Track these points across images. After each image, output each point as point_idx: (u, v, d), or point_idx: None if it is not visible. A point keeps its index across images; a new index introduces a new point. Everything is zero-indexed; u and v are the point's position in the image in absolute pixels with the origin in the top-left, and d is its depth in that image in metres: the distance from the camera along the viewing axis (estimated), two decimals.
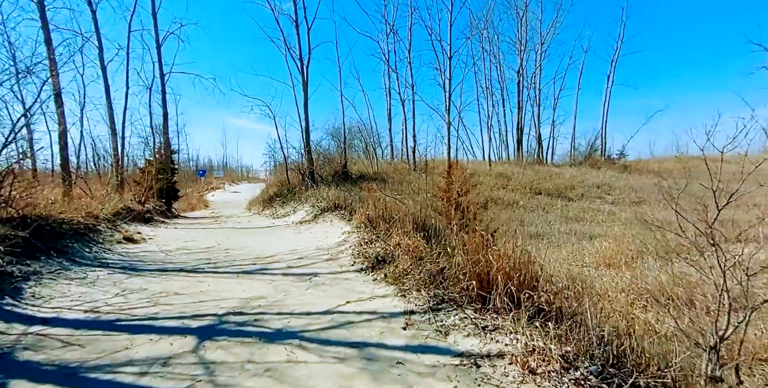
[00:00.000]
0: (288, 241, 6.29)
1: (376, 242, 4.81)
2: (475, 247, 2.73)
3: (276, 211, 11.24)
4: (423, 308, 2.84)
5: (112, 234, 6.00)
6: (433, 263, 3.19)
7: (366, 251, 4.43)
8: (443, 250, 3.24)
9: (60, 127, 8.60)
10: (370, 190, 13.61)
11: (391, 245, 4.00)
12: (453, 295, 2.79)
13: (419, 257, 3.47)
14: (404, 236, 3.84)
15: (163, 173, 13.43)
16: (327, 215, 7.84)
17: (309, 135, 12.87)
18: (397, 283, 3.36)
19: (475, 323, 2.36)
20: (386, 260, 3.83)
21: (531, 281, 2.40)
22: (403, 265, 3.53)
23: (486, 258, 2.58)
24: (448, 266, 2.95)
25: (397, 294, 3.20)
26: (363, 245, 4.82)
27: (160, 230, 7.88)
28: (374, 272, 3.83)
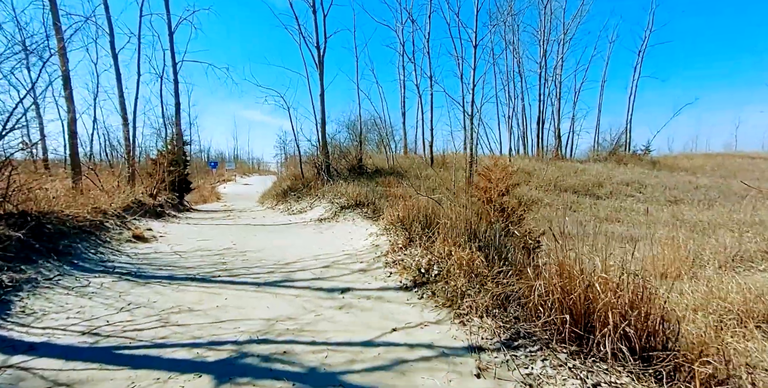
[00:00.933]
0: (309, 242, 5.75)
1: (411, 247, 4.22)
2: (564, 269, 2.12)
3: (291, 206, 10.73)
4: (493, 343, 2.25)
5: (120, 232, 5.53)
6: (499, 283, 2.59)
7: (404, 260, 3.84)
8: (512, 269, 2.64)
9: (69, 114, 8.16)
10: (389, 186, 13.02)
11: (436, 255, 3.41)
12: (532, 329, 2.19)
13: (476, 273, 2.88)
14: (454, 246, 3.24)
15: (176, 165, 13.04)
16: (348, 213, 7.27)
17: (325, 127, 12.28)
18: (451, 305, 2.77)
19: (580, 377, 1.77)
20: (432, 274, 3.25)
21: (656, 326, 1.79)
22: (455, 282, 2.94)
23: (582, 286, 1.98)
24: (526, 291, 2.35)
25: (454, 320, 2.61)
26: (398, 252, 4.23)
27: (172, 226, 7.42)
28: (419, 288, 3.25)
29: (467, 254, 3.01)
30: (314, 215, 8.36)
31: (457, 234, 3.43)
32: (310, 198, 10.50)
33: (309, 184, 11.91)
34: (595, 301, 1.91)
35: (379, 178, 14.22)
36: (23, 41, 6.59)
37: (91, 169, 8.98)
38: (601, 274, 1.98)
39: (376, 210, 6.94)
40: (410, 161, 17.55)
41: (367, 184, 13.03)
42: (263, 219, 9.13)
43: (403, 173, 15.31)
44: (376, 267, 4.12)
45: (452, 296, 2.84)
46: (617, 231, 8.91)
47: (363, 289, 3.53)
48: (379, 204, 7.23)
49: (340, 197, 8.89)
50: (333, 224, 7.05)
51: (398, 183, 14.28)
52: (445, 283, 3.06)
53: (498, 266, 2.89)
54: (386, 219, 5.52)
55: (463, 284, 2.88)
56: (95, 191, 8.78)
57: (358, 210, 7.22)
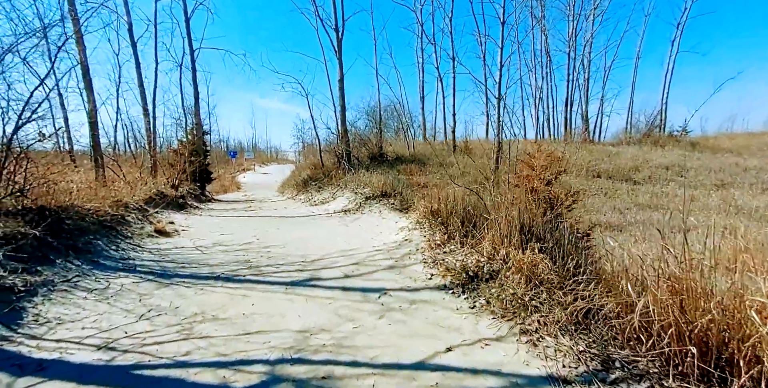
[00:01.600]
0: (335, 236, 5.40)
1: (450, 244, 3.79)
2: (680, 285, 1.64)
3: (312, 196, 10.43)
4: (580, 374, 1.82)
5: (142, 226, 5.34)
6: (577, 295, 2.14)
7: (445, 259, 3.42)
8: (594, 278, 2.17)
9: (89, 104, 8.00)
10: (411, 174, 12.53)
11: (486, 256, 2.97)
12: (633, 358, 1.74)
13: (540, 280, 2.43)
14: (510, 247, 2.79)
15: (196, 155, 12.93)
16: (373, 205, 6.87)
17: (345, 114, 11.79)
18: (512, 318, 2.35)
19: None
20: (483, 278, 2.82)
21: None
22: (514, 289, 2.50)
23: (715, 310, 1.50)
24: (617, 307, 1.88)
25: (520, 338, 2.19)
26: (435, 249, 3.81)
27: (195, 219, 7.24)
28: (467, 293, 2.83)
29: (528, 256, 2.55)
30: (337, 206, 8.01)
31: (509, 231, 2.96)
32: (331, 188, 10.16)
33: (330, 173, 11.57)
34: (739, 332, 1.43)
35: (400, 166, 13.72)
36: (43, 27, 6.33)
37: (113, 161, 8.89)
38: (760, 298, 1.48)
39: (404, 201, 6.50)
40: (431, 148, 16.91)
41: (388, 172, 12.59)
42: (285, 210, 8.87)
43: (425, 161, 14.75)
44: (411, 265, 3.71)
45: (513, 306, 2.41)
46: (663, 219, 8.18)
47: (401, 289, 3.14)
48: (406, 195, 6.79)
49: (363, 186, 8.49)
50: (358, 216, 6.67)
51: (420, 171, 13.77)
52: (501, 289, 2.62)
53: (565, 270, 2.43)
54: (418, 212, 5.08)
55: (524, 293, 2.44)
56: (118, 183, 8.71)
57: (384, 201, 6.81)
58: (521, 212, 3.04)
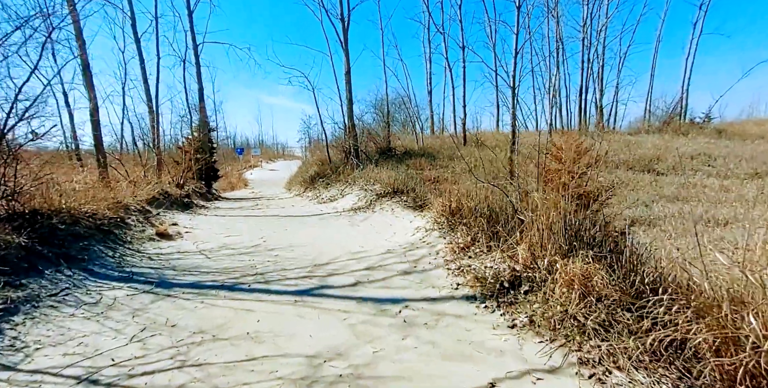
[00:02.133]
0: (345, 237, 5.04)
1: (475, 247, 3.39)
2: None
3: (320, 193, 10.09)
4: None
5: (143, 229, 5.04)
6: (655, 319, 1.73)
7: (471, 265, 3.03)
8: (673, 296, 1.76)
9: (90, 102, 7.72)
10: (422, 169, 12.10)
11: (522, 264, 2.57)
12: None
13: (598, 296, 2.02)
14: (554, 253, 2.38)
15: (202, 153, 12.67)
16: (385, 202, 6.49)
17: (352, 107, 11.37)
18: (564, 341, 1.96)
19: None
20: (521, 290, 2.43)
21: None
22: (565, 307, 2.11)
23: None
24: (725, 341, 1.47)
25: (580, 371, 1.80)
26: (458, 253, 3.42)
27: (200, 219, 6.95)
28: (502, 307, 2.44)
29: (579, 265, 2.14)
30: (346, 203, 7.65)
31: (550, 235, 2.55)
32: (339, 184, 9.80)
33: (338, 169, 11.20)
34: None
35: (409, 160, 13.29)
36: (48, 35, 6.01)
37: (117, 160, 8.65)
38: None
39: (418, 198, 6.10)
40: (440, 142, 16.41)
41: (397, 167, 12.17)
42: (292, 209, 8.54)
43: (434, 155, 14.29)
44: (431, 270, 3.33)
45: (564, 327, 2.02)
46: (695, 212, 7.65)
47: (423, 300, 2.77)
48: (420, 191, 6.39)
49: (373, 183, 8.10)
50: (369, 214, 6.29)
51: (431, 165, 13.33)
52: (546, 306, 2.23)
53: (629, 285, 2.02)
54: (435, 210, 4.68)
55: (577, 311, 2.04)
56: (122, 183, 8.47)
57: (396, 198, 6.41)
58: (564, 212, 2.62)
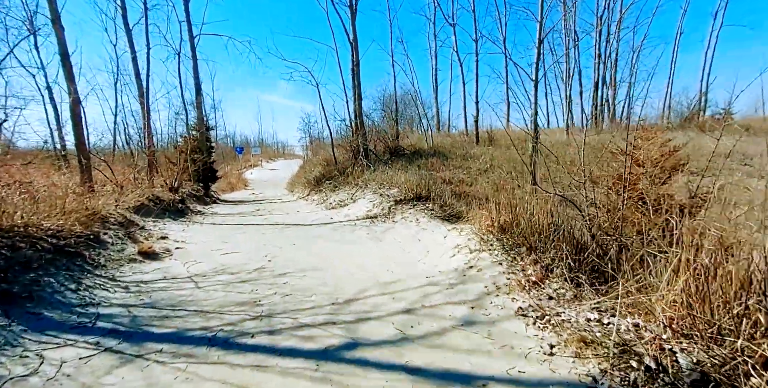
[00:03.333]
0: (367, 256, 4.16)
1: (553, 282, 2.51)
2: None
3: (327, 197, 9.20)
4: None
5: (122, 247, 4.15)
6: None
7: (561, 315, 2.14)
8: None
9: (70, 96, 6.80)
10: (437, 169, 11.20)
11: (675, 330, 1.68)
12: None
13: None
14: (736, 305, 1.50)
15: (199, 152, 11.77)
16: (407, 210, 5.60)
17: (361, 103, 10.45)
18: None
19: None
20: (672, 370, 1.55)
21: None
22: None
23: None
24: None
25: None
26: (532, 290, 2.53)
27: (194, 229, 6.05)
28: None
29: None
30: (359, 210, 6.76)
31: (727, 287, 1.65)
32: (348, 188, 8.90)
33: (345, 170, 10.30)
34: None
35: (419, 160, 12.40)
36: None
37: (102, 161, 7.74)
38: None
39: (446, 206, 5.23)
40: (451, 140, 15.52)
41: (408, 168, 11.29)
42: (298, 215, 7.65)
43: (446, 154, 13.39)
44: (504, 322, 2.43)
45: None
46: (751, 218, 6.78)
47: (511, 382, 1.88)
48: (447, 198, 5.50)
49: (388, 186, 7.22)
50: (390, 225, 5.41)
51: (443, 165, 12.44)
52: None
53: None
54: (478, 224, 3.79)
55: None
56: (108, 186, 7.58)
57: (420, 206, 5.53)
58: None
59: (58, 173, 8.10)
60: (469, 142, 14.74)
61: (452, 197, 5.51)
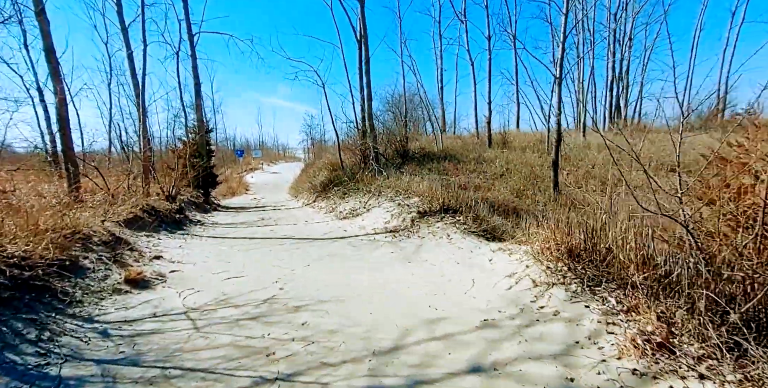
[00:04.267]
0: (398, 281, 3.48)
1: (682, 343, 1.84)
2: None
3: (336, 205, 8.52)
4: None
5: (106, 273, 3.46)
6: None
7: None
8: None
9: (57, 96, 6.14)
10: (443, 172, 10.53)
11: None
12: None
13: None
14: None
15: (198, 157, 11.11)
16: (433, 223, 4.92)
17: (371, 103, 9.79)
18: None
19: None
20: None
21: None
22: None
23: None
24: None
25: None
26: (654, 356, 1.86)
27: (192, 245, 5.36)
28: None
29: None
30: (376, 221, 6.08)
31: None
32: (360, 195, 8.23)
33: (355, 176, 9.63)
34: None
35: (430, 164, 11.73)
36: None
37: (92, 167, 7.06)
38: None
39: (480, 220, 4.55)
40: (461, 142, 14.86)
41: (419, 171, 10.64)
42: (307, 226, 6.97)
43: (458, 157, 12.73)
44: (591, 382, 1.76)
45: None
46: None
47: None
48: (481, 211, 4.83)
49: (407, 195, 6.54)
50: (416, 241, 4.72)
51: (456, 169, 11.77)
52: None
53: None
54: (539, 247, 3.11)
55: None
56: (99, 195, 6.91)
57: (449, 219, 4.85)
58: None
59: (47, 180, 7.44)
60: (480, 144, 14.09)
61: (486, 208, 4.84)
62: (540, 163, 11.45)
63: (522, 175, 10.52)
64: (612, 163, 10.51)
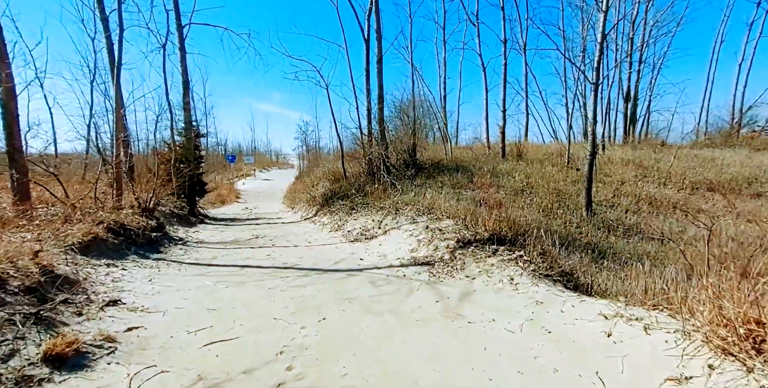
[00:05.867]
0: (462, 366, 2.35)
1: None
2: None
3: (343, 222, 7.35)
4: None
5: (13, 348, 2.22)
6: None
7: None
8: None
9: (1, 84, 4.90)
10: (456, 186, 9.48)
11: None
12: None
13: None
14: None
15: (186, 162, 9.86)
16: (483, 257, 3.80)
17: (383, 106, 8.72)
18: None
19: None
20: None
21: None
22: None
23: None
24: None
25: None
26: None
27: (167, 276, 4.12)
28: None
29: None
30: (398, 247, 4.94)
31: None
32: (372, 211, 7.09)
33: (362, 188, 8.49)
34: None
35: (441, 175, 10.68)
36: None
37: (47, 171, 5.78)
38: None
39: (548, 256, 3.46)
40: (472, 153, 13.89)
41: (428, 183, 9.57)
42: (309, 249, 5.78)
43: (470, 169, 11.71)
44: None
45: None
46: None
47: None
48: (547, 245, 3.73)
49: (432, 214, 5.43)
50: (465, 283, 3.58)
51: (470, 183, 10.74)
52: None
53: None
54: (706, 328, 2.01)
55: None
56: (59, 207, 5.66)
57: (506, 253, 3.73)
58: None
59: None
60: (493, 155, 13.14)
61: (553, 240, 3.76)
62: (562, 177, 10.51)
63: (546, 191, 9.53)
64: (640, 178, 9.54)
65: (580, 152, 12.21)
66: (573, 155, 11.74)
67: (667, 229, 7.36)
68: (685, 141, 15.31)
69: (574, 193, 9.46)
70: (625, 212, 8.49)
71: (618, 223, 7.69)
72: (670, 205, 8.67)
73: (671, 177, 10.14)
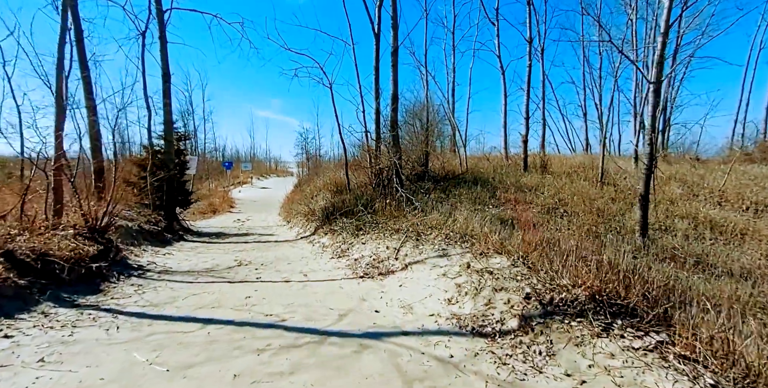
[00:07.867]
0: None
1: None
2: None
3: (348, 246, 5.85)
4: None
5: None
6: None
7: None
8: None
9: None
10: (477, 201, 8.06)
11: None
12: None
13: None
14: None
15: (164, 168, 8.41)
16: (588, 338, 2.32)
17: (397, 107, 7.31)
18: None
19: None
20: None
21: None
22: None
23: None
24: None
25: None
26: None
27: (77, 344, 2.57)
28: None
29: None
30: (428, 294, 3.45)
31: None
32: (384, 233, 5.60)
33: (371, 203, 7.03)
34: None
35: (457, 188, 9.25)
36: None
37: None
38: None
39: (687, 344, 2.00)
40: (488, 164, 12.50)
41: (444, 198, 8.13)
42: (305, 288, 4.26)
43: (490, 181, 10.27)
44: None
45: None
46: None
47: None
48: (694, 316, 2.26)
49: (472, 243, 3.96)
50: (552, 369, 2.11)
51: (491, 199, 9.30)
52: None
53: None
54: None
55: None
56: None
57: (630, 336, 2.24)
58: None
59: None
60: (513, 167, 11.73)
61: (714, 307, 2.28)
62: (600, 194, 9.06)
63: (583, 210, 8.07)
64: (689, 197, 7.97)
65: (610, 165, 10.81)
66: (606, 169, 10.32)
67: (747, 261, 5.91)
68: (717, 155, 13.95)
69: (617, 213, 8.00)
70: (686, 238, 7.02)
71: (683, 252, 6.23)
72: (737, 231, 7.20)
73: (726, 196, 8.70)
